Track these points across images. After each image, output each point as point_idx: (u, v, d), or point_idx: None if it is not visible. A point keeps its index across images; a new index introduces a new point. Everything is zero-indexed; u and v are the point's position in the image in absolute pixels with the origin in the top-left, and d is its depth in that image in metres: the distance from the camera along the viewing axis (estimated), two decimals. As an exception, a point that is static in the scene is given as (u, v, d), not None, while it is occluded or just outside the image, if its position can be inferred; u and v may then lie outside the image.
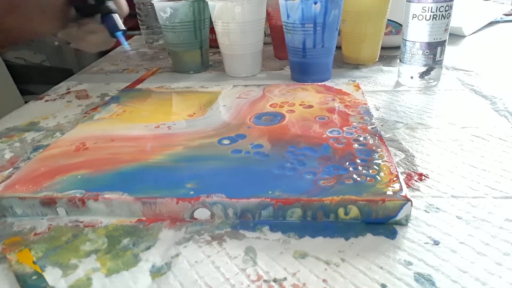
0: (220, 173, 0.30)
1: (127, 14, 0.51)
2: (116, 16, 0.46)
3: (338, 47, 0.59)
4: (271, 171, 0.30)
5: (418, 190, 0.30)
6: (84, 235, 0.27)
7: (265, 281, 0.22)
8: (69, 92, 0.57)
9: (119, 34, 0.46)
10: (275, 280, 0.22)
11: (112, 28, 0.45)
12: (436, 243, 0.25)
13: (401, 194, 0.26)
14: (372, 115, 0.39)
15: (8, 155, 0.39)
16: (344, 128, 0.36)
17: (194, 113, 0.42)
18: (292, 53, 0.53)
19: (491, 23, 0.85)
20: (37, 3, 0.43)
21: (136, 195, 0.28)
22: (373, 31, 0.58)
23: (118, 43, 0.50)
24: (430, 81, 0.50)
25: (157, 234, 0.27)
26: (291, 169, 0.30)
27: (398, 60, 0.52)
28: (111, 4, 0.46)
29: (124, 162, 0.32)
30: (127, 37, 0.92)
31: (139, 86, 0.57)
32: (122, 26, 0.46)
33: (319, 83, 0.50)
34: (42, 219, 0.29)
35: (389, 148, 0.35)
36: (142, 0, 0.77)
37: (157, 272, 0.23)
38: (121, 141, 0.36)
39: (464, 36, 0.76)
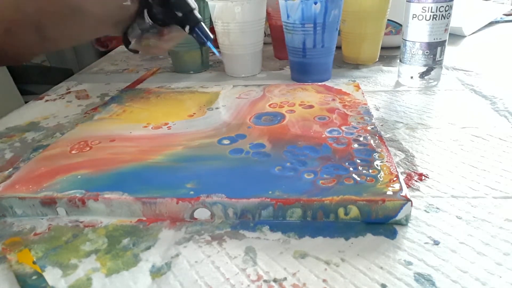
0: (220, 173, 0.30)
1: None
2: (204, 26, 0.43)
3: (338, 47, 0.59)
4: (271, 171, 0.30)
5: (418, 190, 0.30)
6: (84, 235, 0.27)
7: (265, 281, 0.22)
8: (69, 92, 0.57)
9: (209, 43, 0.44)
10: (275, 280, 0.22)
11: (204, 39, 0.43)
12: (436, 243, 0.25)
13: (401, 194, 0.26)
14: (372, 115, 0.39)
15: (8, 155, 0.39)
16: (344, 128, 0.36)
17: (194, 113, 0.42)
18: (292, 53, 0.53)
19: (491, 23, 0.85)
20: (101, 14, 0.40)
21: (136, 195, 0.28)
22: (373, 31, 0.58)
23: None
24: (430, 81, 0.50)
25: (157, 234, 0.27)
26: (291, 169, 0.30)
27: (398, 60, 0.52)
28: (196, 13, 0.43)
29: (124, 162, 0.32)
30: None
31: (139, 86, 0.57)
32: (211, 35, 0.44)
33: (319, 83, 0.50)
34: (42, 219, 0.29)
35: (389, 148, 0.35)
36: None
37: (157, 272, 0.23)
38: (121, 141, 0.36)
39: (464, 36, 0.76)
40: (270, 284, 0.22)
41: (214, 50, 0.45)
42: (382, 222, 0.26)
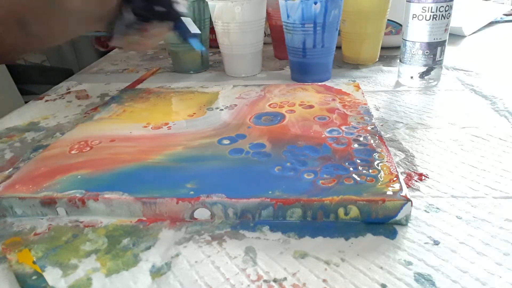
0: (220, 173, 0.30)
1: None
2: (189, 20, 0.41)
3: (338, 47, 0.59)
4: (271, 171, 0.30)
5: (418, 190, 0.30)
6: (84, 235, 0.27)
7: (265, 281, 0.22)
8: (69, 92, 0.57)
9: (194, 40, 0.41)
10: (275, 280, 0.22)
11: (187, 34, 0.40)
12: (436, 243, 0.25)
13: (401, 194, 0.26)
14: (372, 115, 0.39)
15: (8, 155, 0.39)
16: (344, 128, 0.36)
17: (194, 113, 0.42)
18: (292, 53, 0.53)
19: (491, 23, 0.85)
20: (84, 10, 0.38)
21: (136, 195, 0.28)
22: (373, 31, 0.58)
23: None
24: (430, 81, 0.50)
25: (157, 234, 0.27)
26: (291, 169, 0.30)
27: (398, 60, 0.52)
28: (179, 7, 0.40)
29: (124, 162, 0.32)
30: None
31: (139, 86, 0.57)
32: (197, 29, 0.41)
33: (319, 83, 0.50)
34: (42, 219, 0.29)
35: (389, 148, 0.35)
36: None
37: (157, 272, 0.23)
38: (121, 141, 0.36)
39: (464, 36, 0.76)
40: (270, 284, 0.22)
41: (198, 45, 0.42)
42: (382, 222, 0.26)
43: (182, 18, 0.41)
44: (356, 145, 0.33)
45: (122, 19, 0.41)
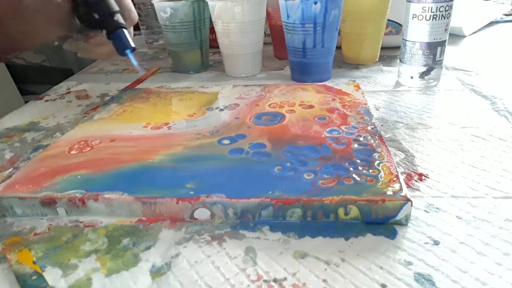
0: (220, 173, 0.30)
1: (135, 23, 0.46)
2: (124, 32, 0.40)
3: (338, 47, 0.59)
4: (271, 171, 0.30)
5: (418, 190, 0.30)
6: (84, 235, 0.27)
7: (265, 281, 0.22)
8: (69, 92, 0.57)
9: (128, 52, 0.41)
10: (275, 280, 0.22)
11: (121, 47, 0.41)
12: (436, 243, 0.25)
13: (401, 194, 0.26)
14: (372, 115, 0.39)
15: (8, 155, 0.39)
16: (344, 128, 0.36)
17: (194, 113, 0.42)
18: (292, 53, 0.53)
19: (491, 23, 0.85)
20: (41, 9, 0.40)
21: (136, 195, 0.28)
22: (373, 31, 0.58)
23: None
24: (430, 81, 0.50)
25: (157, 234, 0.27)
26: (291, 169, 0.30)
27: (398, 60, 0.52)
28: (118, 18, 0.40)
29: (124, 162, 0.32)
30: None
31: (139, 86, 0.57)
32: (131, 44, 0.41)
33: (319, 83, 0.50)
34: (42, 219, 0.29)
35: (389, 148, 0.35)
36: (142, 0, 0.77)
37: (157, 272, 0.23)
38: (121, 141, 0.36)
39: (464, 36, 0.76)
40: (270, 284, 0.22)
41: (134, 61, 0.43)
42: (382, 222, 0.26)
43: (121, 30, 0.40)
44: (356, 145, 0.33)
45: (73, 24, 0.42)
